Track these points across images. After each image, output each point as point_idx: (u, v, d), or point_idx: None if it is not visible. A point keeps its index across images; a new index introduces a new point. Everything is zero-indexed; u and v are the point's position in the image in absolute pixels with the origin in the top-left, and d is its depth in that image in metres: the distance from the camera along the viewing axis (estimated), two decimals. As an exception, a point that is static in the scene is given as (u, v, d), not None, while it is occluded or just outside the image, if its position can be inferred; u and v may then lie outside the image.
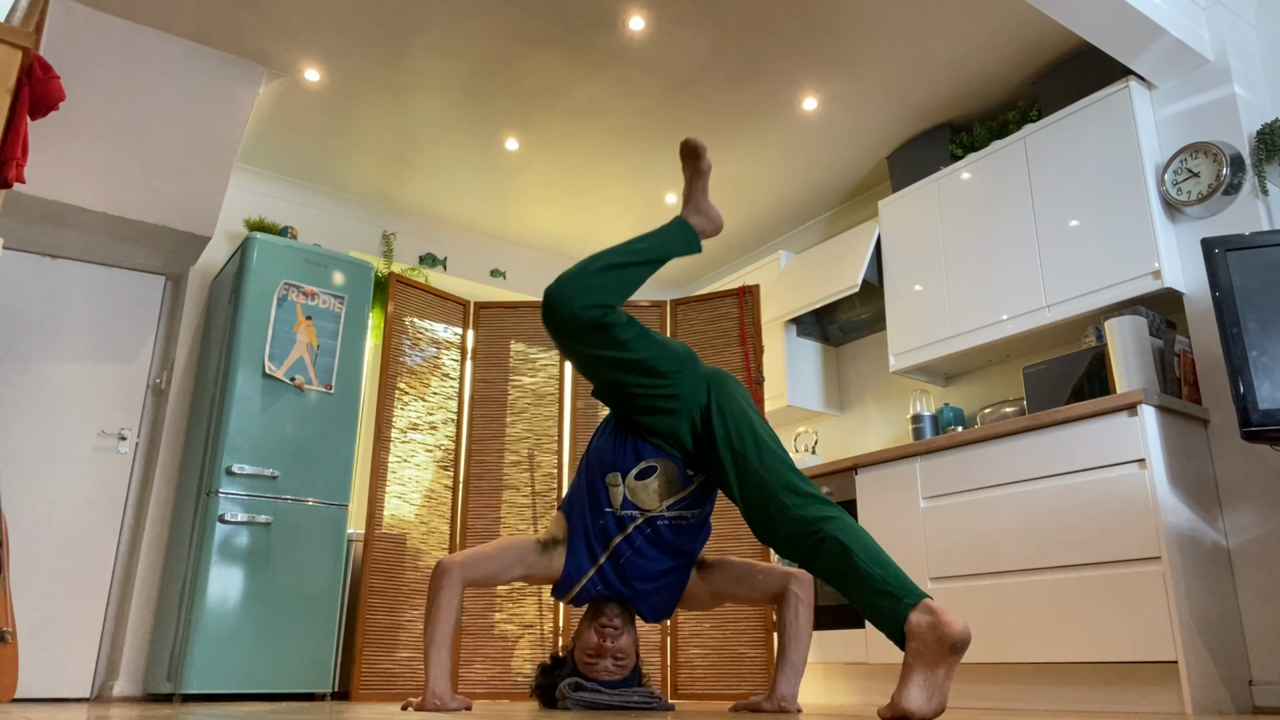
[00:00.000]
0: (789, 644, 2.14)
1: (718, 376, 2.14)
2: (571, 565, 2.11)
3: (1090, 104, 3.47)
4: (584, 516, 2.13)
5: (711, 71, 3.85)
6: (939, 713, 1.51)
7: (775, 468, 1.92)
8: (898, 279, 4.13)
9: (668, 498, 2.11)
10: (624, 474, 2.10)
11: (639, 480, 2.10)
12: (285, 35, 3.67)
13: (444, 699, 2.00)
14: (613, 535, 2.11)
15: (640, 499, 2.10)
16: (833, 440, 4.78)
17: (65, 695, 3.72)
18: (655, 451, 2.11)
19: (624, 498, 2.09)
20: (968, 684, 3.19)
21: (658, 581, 2.14)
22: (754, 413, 2.08)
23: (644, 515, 2.10)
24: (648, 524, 2.10)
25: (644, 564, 2.12)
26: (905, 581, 1.64)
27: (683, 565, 2.17)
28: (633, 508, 2.10)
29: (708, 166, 2.27)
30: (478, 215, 5.12)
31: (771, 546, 1.90)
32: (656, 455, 2.11)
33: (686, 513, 2.13)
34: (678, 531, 2.13)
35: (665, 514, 2.11)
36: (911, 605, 1.58)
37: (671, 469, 2.10)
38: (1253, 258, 2.62)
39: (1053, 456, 3.01)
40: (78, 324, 4.08)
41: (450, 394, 4.10)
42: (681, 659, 3.69)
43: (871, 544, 1.72)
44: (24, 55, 2.20)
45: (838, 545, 1.72)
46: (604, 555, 2.11)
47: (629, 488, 2.10)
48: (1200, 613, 2.68)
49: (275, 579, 3.63)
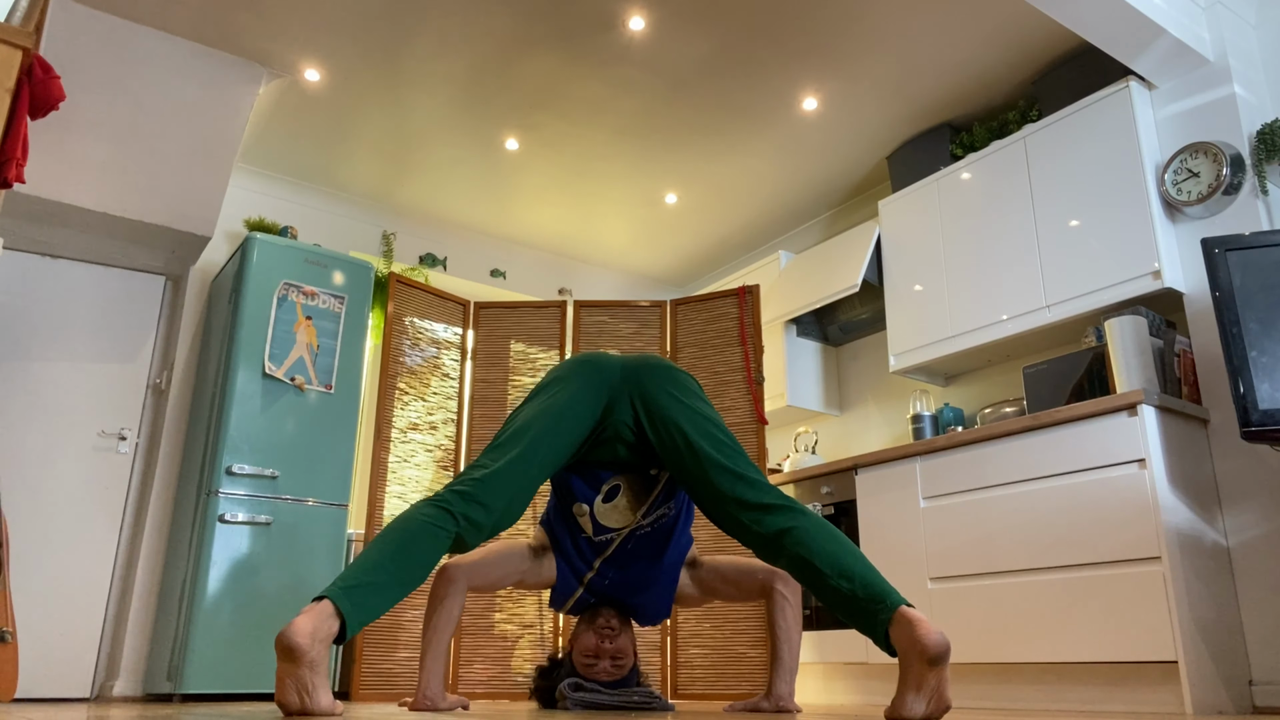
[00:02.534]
0: (780, 644, 2.14)
1: (636, 377, 1.98)
2: (560, 580, 2.13)
3: (1090, 104, 3.47)
4: (563, 539, 2.13)
5: (711, 71, 3.85)
6: (941, 714, 1.50)
7: (719, 480, 1.78)
8: (898, 279, 4.13)
9: (640, 507, 2.08)
10: (589, 501, 2.07)
11: (606, 503, 2.07)
12: (285, 35, 3.67)
13: (436, 699, 2.00)
14: (595, 556, 2.11)
15: (612, 520, 2.07)
16: (833, 440, 4.78)
17: (65, 695, 3.72)
18: (613, 471, 2.07)
19: (595, 524, 2.09)
20: (968, 684, 3.19)
21: (649, 590, 2.14)
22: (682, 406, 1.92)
23: (620, 533, 2.09)
24: (629, 539, 2.10)
25: (633, 575, 2.12)
26: (875, 590, 1.56)
27: (673, 562, 2.16)
28: (607, 530, 2.08)
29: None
30: (478, 215, 5.12)
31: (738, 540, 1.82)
32: (616, 474, 2.07)
33: (663, 510, 2.12)
34: (660, 532, 2.12)
35: (643, 522, 2.10)
36: (887, 620, 1.52)
37: (633, 480, 2.07)
38: (1253, 258, 2.62)
39: (1053, 456, 3.01)
40: (78, 324, 4.08)
41: (450, 394, 4.10)
42: (681, 659, 3.68)
43: (834, 551, 1.63)
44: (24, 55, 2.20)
45: (800, 561, 1.64)
46: (589, 574, 2.12)
47: (597, 513, 2.07)
48: (1200, 613, 2.68)
49: (275, 579, 3.63)
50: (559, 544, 2.13)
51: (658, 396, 1.94)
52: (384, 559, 1.63)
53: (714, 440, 1.85)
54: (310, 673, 1.44)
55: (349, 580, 1.57)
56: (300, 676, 1.44)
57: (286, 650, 1.43)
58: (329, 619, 1.49)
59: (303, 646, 1.43)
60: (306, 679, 1.44)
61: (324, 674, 1.47)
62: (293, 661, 1.43)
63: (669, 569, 2.15)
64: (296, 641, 1.43)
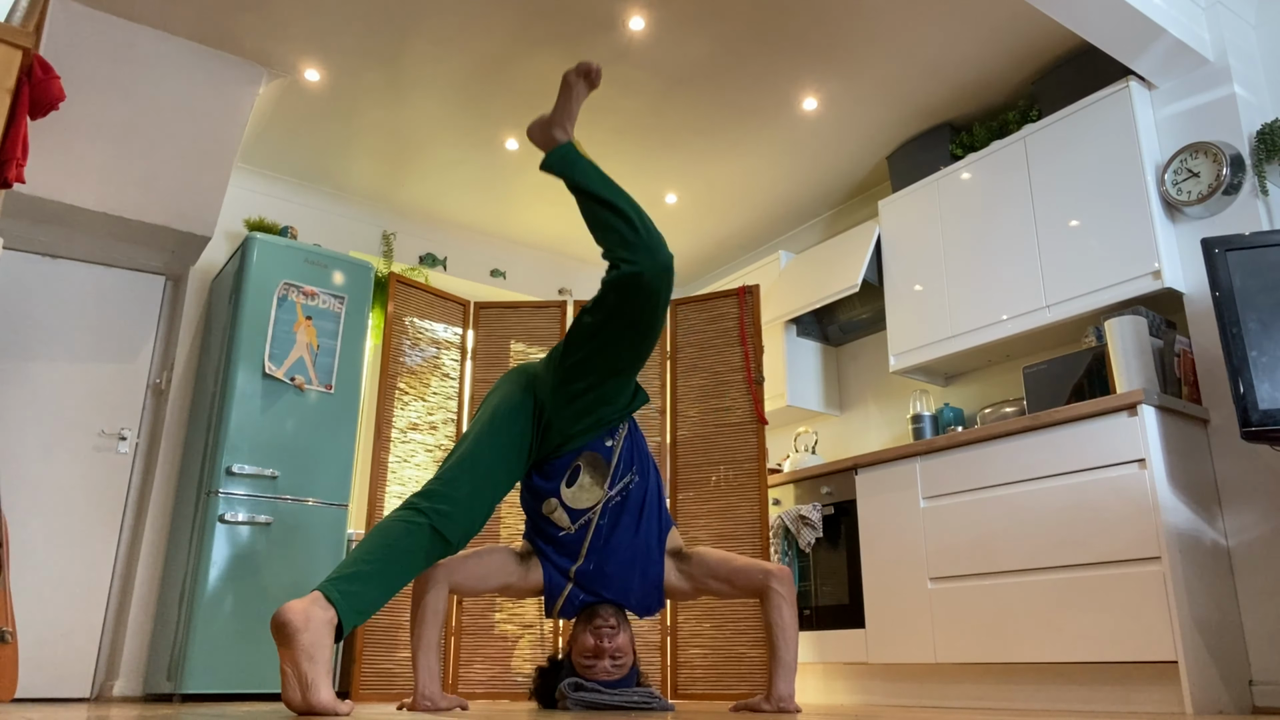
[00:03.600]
0: (779, 643, 2.14)
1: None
2: (547, 581, 2.15)
3: (1090, 104, 3.47)
4: (546, 547, 2.15)
5: (711, 71, 3.85)
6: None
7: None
8: (898, 279, 4.13)
9: (604, 480, 2.12)
10: (555, 494, 2.12)
11: (571, 487, 2.12)
12: (285, 35, 3.67)
13: (435, 699, 2.00)
14: (577, 547, 2.13)
15: (582, 501, 2.11)
16: (833, 440, 4.78)
17: (65, 695, 3.72)
18: (567, 457, 2.12)
19: (568, 513, 2.11)
20: (968, 684, 3.19)
21: (633, 568, 2.14)
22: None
23: (595, 509, 2.12)
24: (603, 513, 2.12)
25: (614, 556, 2.13)
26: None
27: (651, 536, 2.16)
28: (581, 514, 2.11)
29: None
30: (478, 215, 5.12)
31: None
32: (571, 457, 2.12)
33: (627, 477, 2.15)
34: (632, 503, 2.15)
35: (611, 493, 2.13)
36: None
37: (590, 456, 2.13)
38: (1253, 258, 2.62)
39: (1053, 456, 3.01)
40: (78, 324, 4.08)
41: (450, 394, 4.10)
42: (681, 659, 3.69)
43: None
44: (24, 55, 2.20)
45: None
46: (575, 565, 2.13)
47: (567, 500, 2.11)
48: (1200, 613, 2.68)
49: (275, 579, 3.63)
50: (543, 551, 2.16)
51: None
52: (364, 553, 1.71)
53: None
54: (309, 664, 1.45)
55: (335, 574, 1.65)
56: (299, 665, 1.45)
57: (279, 627, 1.45)
58: (322, 604, 1.52)
59: (295, 623, 1.45)
60: (305, 671, 1.45)
61: (325, 669, 1.48)
62: (287, 643, 1.44)
63: (649, 544, 2.16)
64: (288, 618, 1.45)
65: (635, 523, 2.14)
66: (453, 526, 1.84)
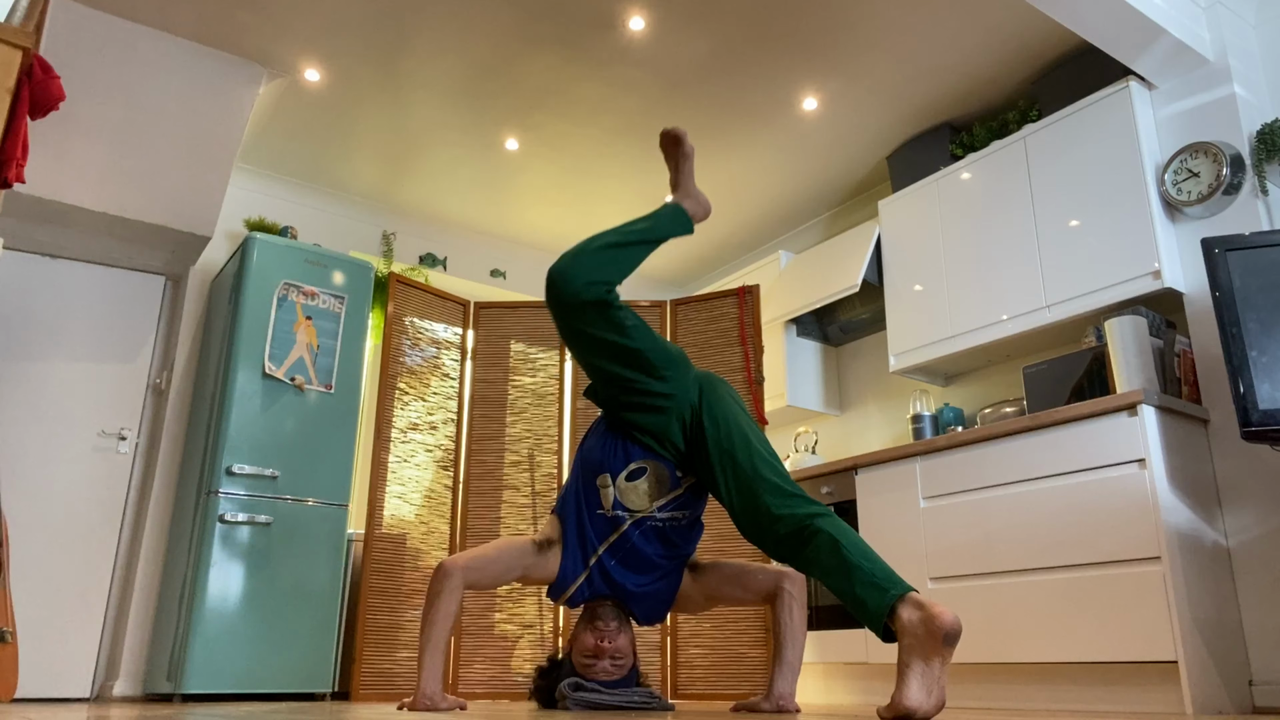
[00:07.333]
0: (785, 643, 2.14)
1: (709, 379, 2.15)
2: (566, 566, 2.12)
3: (1090, 104, 3.47)
4: (576, 518, 2.13)
5: (711, 71, 3.85)
6: (939, 709, 1.51)
7: (764, 473, 1.94)
8: (898, 279, 4.13)
9: (658, 499, 2.11)
10: (614, 475, 2.11)
11: (629, 481, 2.10)
12: (285, 35, 3.67)
13: (435, 700, 2.00)
14: (605, 536, 2.11)
15: (630, 500, 2.10)
16: (833, 440, 4.78)
17: (65, 695, 3.72)
18: (644, 453, 2.11)
19: (614, 499, 2.10)
20: (968, 684, 3.19)
21: (650, 584, 2.14)
22: (745, 416, 2.09)
23: (634, 516, 2.10)
24: (638, 525, 2.10)
25: (636, 564, 2.12)
26: (892, 576, 1.67)
27: (675, 567, 2.17)
28: (623, 509, 2.10)
29: (691, 150, 2.30)
30: (478, 215, 5.12)
31: (760, 547, 1.93)
32: (646, 456, 2.11)
33: (678, 514, 2.13)
34: (669, 533, 2.13)
35: (656, 515, 2.11)
36: (897, 597, 1.60)
37: (661, 470, 2.11)
38: (1253, 258, 2.62)
39: (1053, 456, 3.01)
40: (78, 324, 4.08)
41: (450, 394, 4.10)
42: (681, 659, 3.69)
43: (859, 540, 1.76)
44: (24, 55, 2.20)
45: (827, 539, 1.76)
46: (595, 556, 2.12)
47: (619, 489, 2.10)
48: (1200, 613, 2.68)
49: (275, 579, 3.63)
50: (570, 526, 2.13)
51: (725, 398, 2.11)
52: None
53: (768, 448, 2.03)
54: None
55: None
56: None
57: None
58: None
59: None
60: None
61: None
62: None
63: (672, 566, 2.16)
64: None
65: (663, 549, 2.14)
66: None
